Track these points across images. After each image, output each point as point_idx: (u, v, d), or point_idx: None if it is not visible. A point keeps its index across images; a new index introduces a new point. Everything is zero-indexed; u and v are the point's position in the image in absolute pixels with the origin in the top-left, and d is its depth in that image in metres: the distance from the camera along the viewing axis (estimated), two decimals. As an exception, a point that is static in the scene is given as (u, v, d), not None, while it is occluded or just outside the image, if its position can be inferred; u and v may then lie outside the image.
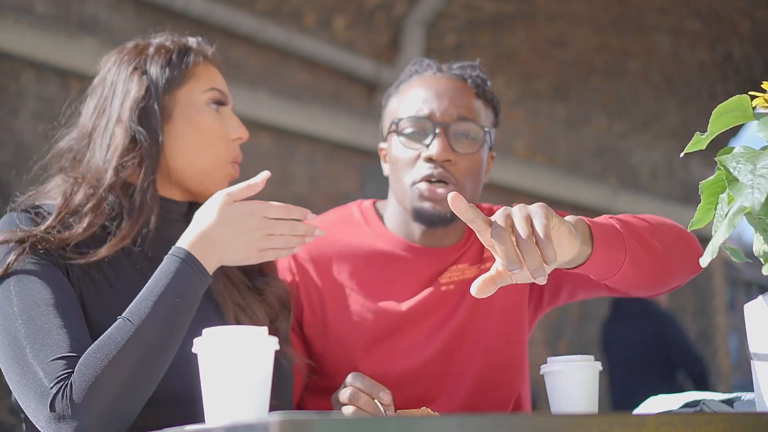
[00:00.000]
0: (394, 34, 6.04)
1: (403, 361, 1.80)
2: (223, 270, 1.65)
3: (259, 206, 1.54)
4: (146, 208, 1.58)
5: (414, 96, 1.81)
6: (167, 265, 1.47)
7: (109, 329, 1.41)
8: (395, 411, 1.51)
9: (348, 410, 1.49)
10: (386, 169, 1.88)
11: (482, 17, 6.25)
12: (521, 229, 1.26)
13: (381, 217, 1.89)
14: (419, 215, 1.78)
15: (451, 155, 1.76)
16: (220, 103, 1.67)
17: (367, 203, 1.92)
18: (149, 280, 1.47)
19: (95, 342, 1.40)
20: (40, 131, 1.63)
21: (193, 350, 1.19)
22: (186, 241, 1.50)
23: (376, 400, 1.50)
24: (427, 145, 1.76)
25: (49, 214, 1.57)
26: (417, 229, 1.83)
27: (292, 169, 5.45)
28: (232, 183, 1.67)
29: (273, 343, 1.18)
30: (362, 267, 1.83)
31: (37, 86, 4.44)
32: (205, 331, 1.19)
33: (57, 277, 1.48)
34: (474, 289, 1.31)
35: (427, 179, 1.76)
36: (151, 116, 1.61)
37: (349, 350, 1.79)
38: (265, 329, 1.19)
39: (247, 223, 1.53)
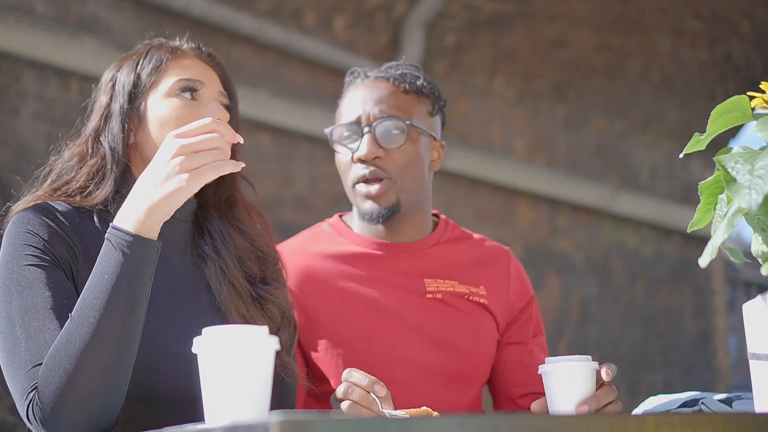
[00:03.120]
0: (394, 34, 6.03)
1: (392, 363, 1.83)
2: (228, 279, 1.64)
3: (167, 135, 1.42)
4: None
5: (346, 104, 1.94)
6: (108, 252, 1.39)
7: (63, 333, 1.36)
8: (392, 403, 1.51)
9: (344, 405, 1.50)
10: None
11: (482, 17, 6.24)
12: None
13: (349, 228, 1.99)
14: (364, 215, 1.91)
15: (379, 152, 1.87)
16: (191, 89, 1.65)
17: (334, 218, 2.04)
18: (95, 271, 1.39)
19: (51, 350, 1.36)
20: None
21: (193, 350, 1.19)
22: (121, 217, 1.41)
23: (371, 394, 1.50)
24: (358, 147, 1.88)
25: (57, 212, 1.57)
26: (380, 227, 1.94)
27: (292, 169, 5.45)
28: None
29: (273, 343, 1.19)
30: (342, 271, 1.91)
31: (38, 86, 4.44)
32: (205, 330, 1.19)
33: (59, 280, 1.48)
34: None
35: (362, 179, 1.88)
36: (114, 125, 1.64)
37: (339, 353, 1.84)
38: (265, 329, 1.19)
39: (159, 157, 1.40)
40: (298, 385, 1.74)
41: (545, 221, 7.04)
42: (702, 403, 1.51)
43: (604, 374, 1.54)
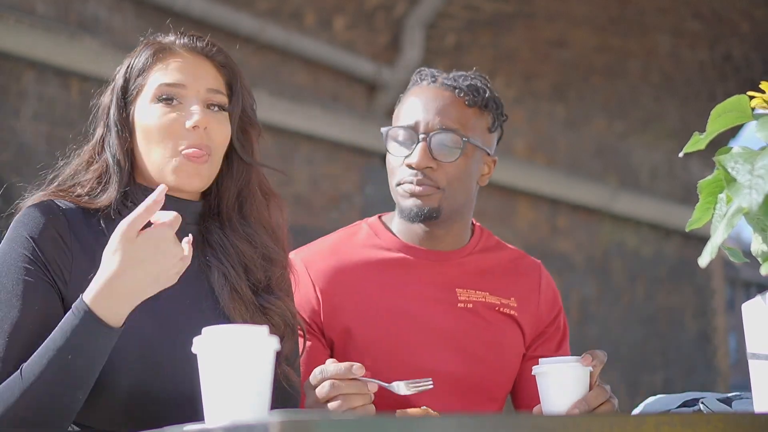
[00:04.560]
0: (394, 34, 6.04)
1: (416, 372, 1.83)
2: (230, 284, 1.63)
3: (164, 232, 1.39)
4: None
5: (407, 106, 1.93)
6: (68, 319, 1.40)
7: (6, 381, 1.40)
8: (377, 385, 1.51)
9: (333, 406, 1.48)
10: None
11: (482, 17, 6.25)
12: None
13: (388, 229, 1.97)
14: (405, 213, 1.90)
15: (431, 162, 1.87)
16: (168, 99, 1.61)
17: (373, 218, 2.02)
18: (54, 335, 1.41)
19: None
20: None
21: (193, 350, 1.19)
22: (90, 293, 1.40)
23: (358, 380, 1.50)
24: (411, 153, 1.88)
25: (61, 210, 1.57)
26: (419, 230, 1.92)
27: (292, 170, 5.45)
28: (192, 169, 1.60)
29: (273, 343, 1.19)
30: (373, 277, 1.90)
31: (38, 87, 4.44)
32: (205, 330, 1.18)
33: (37, 298, 1.49)
34: None
35: (407, 183, 1.88)
36: (112, 133, 1.63)
37: (365, 358, 1.82)
38: (265, 328, 1.19)
39: (155, 256, 1.38)
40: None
41: (545, 221, 7.05)
42: (701, 402, 1.51)
43: (585, 362, 1.56)
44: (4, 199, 1.68)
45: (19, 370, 1.40)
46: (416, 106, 1.90)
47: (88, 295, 1.39)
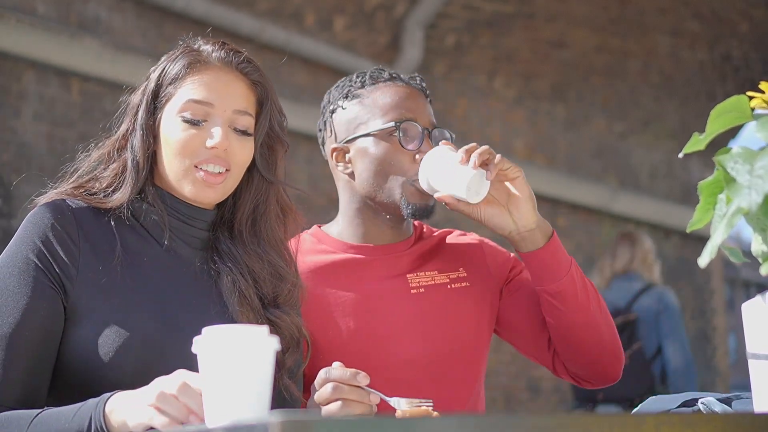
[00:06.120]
0: (394, 34, 6.04)
1: (388, 366, 1.83)
2: (238, 289, 1.64)
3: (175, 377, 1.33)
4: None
5: (393, 101, 1.94)
6: (86, 410, 1.38)
7: (18, 415, 1.41)
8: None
9: (333, 407, 1.49)
10: (345, 168, 2.00)
11: (482, 17, 6.25)
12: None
13: (330, 236, 1.98)
14: (416, 211, 1.90)
15: None
16: (193, 122, 1.61)
17: (313, 228, 2.03)
18: (63, 410, 1.40)
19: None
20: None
21: (193, 350, 1.19)
22: (114, 400, 1.37)
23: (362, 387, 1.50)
24: (419, 148, 1.90)
25: (71, 210, 1.58)
26: (373, 229, 1.94)
27: (292, 169, 5.44)
28: (206, 184, 1.62)
29: (273, 343, 1.19)
30: (326, 281, 1.90)
31: (39, 87, 4.44)
32: (205, 330, 1.19)
33: (39, 304, 1.50)
34: None
35: None
36: (137, 136, 1.64)
37: (338, 360, 1.81)
38: (265, 328, 1.19)
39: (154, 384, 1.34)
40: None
41: (545, 221, 7.05)
42: (701, 402, 1.51)
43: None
44: (4, 198, 1.68)
45: (31, 418, 1.40)
46: (405, 101, 1.92)
47: (110, 403, 1.36)
